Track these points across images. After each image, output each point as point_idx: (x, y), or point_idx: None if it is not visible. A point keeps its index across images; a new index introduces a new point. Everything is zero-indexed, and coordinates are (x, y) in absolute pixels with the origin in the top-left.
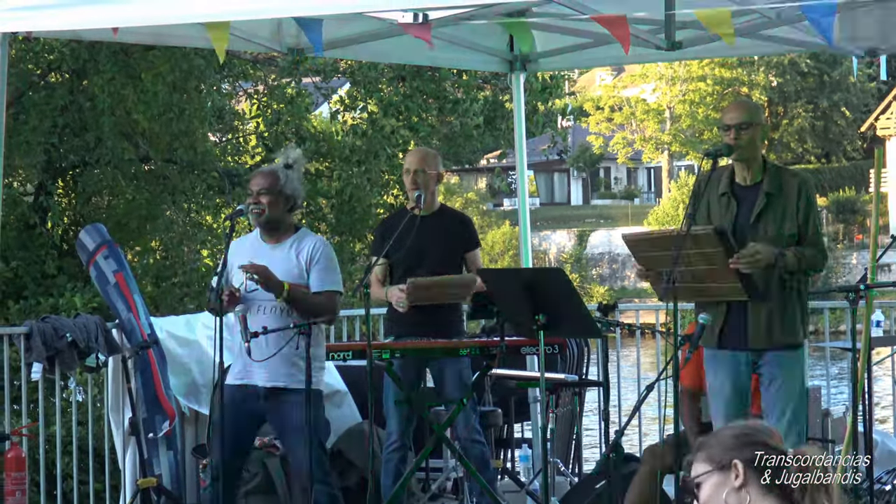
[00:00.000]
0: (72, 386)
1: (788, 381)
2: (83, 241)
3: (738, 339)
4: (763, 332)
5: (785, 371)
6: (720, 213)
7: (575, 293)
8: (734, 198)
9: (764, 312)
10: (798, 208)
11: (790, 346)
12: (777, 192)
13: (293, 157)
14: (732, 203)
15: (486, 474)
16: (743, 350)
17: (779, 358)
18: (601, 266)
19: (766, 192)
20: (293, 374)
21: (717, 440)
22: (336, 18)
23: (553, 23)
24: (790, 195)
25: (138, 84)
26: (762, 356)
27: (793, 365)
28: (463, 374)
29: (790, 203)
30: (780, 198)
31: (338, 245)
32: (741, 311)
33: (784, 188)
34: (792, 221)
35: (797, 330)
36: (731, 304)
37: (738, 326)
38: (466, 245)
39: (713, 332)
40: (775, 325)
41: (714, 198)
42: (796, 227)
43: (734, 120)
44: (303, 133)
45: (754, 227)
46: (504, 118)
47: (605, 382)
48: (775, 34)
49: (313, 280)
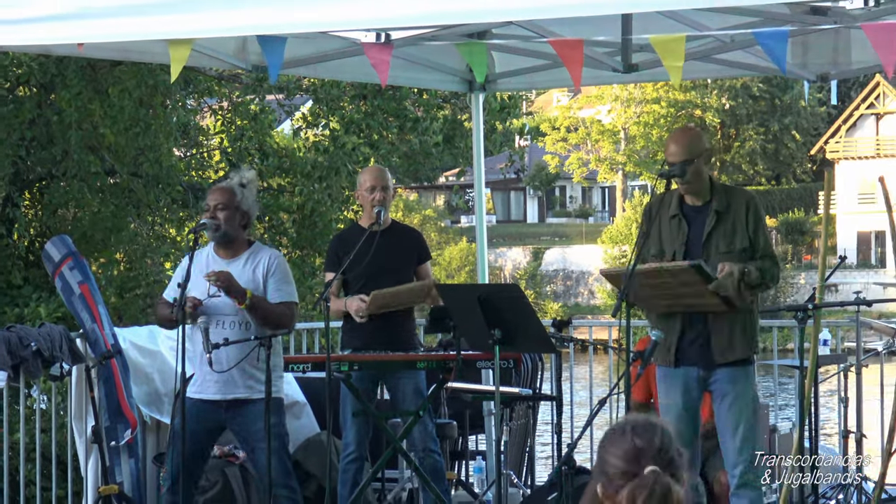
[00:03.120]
0: (35, 394)
1: (741, 396)
2: (49, 253)
3: (693, 356)
4: (723, 347)
5: (737, 386)
6: (672, 234)
7: (530, 309)
8: (685, 218)
9: (723, 325)
10: (748, 223)
11: (742, 362)
12: (725, 210)
13: (248, 178)
14: (683, 224)
15: (441, 485)
16: (695, 366)
17: (731, 374)
18: (556, 283)
19: (715, 211)
20: (252, 386)
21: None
22: (299, 37)
23: (512, 45)
24: (738, 212)
25: (105, 99)
26: (713, 373)
27: (744, 380)
28: (419, 387)
29: (739, 219)
30: (729, 215)
31: (298, 259)
32: (698, 329)
33: (732, 206)
34: (742, 237)
35: (749, 346)
36: (686, 322)
37: (694, 343)
38: (419, 258)
39: (668, 352)
40: (733, 341)
41: (665, 219)
42: (747, 242)
43: (676, 157)
44: (266, 149)
45: (706, 245)
46: (463, 137)
47: (558, 397)
48: (728, 58)
49: (271, 292)
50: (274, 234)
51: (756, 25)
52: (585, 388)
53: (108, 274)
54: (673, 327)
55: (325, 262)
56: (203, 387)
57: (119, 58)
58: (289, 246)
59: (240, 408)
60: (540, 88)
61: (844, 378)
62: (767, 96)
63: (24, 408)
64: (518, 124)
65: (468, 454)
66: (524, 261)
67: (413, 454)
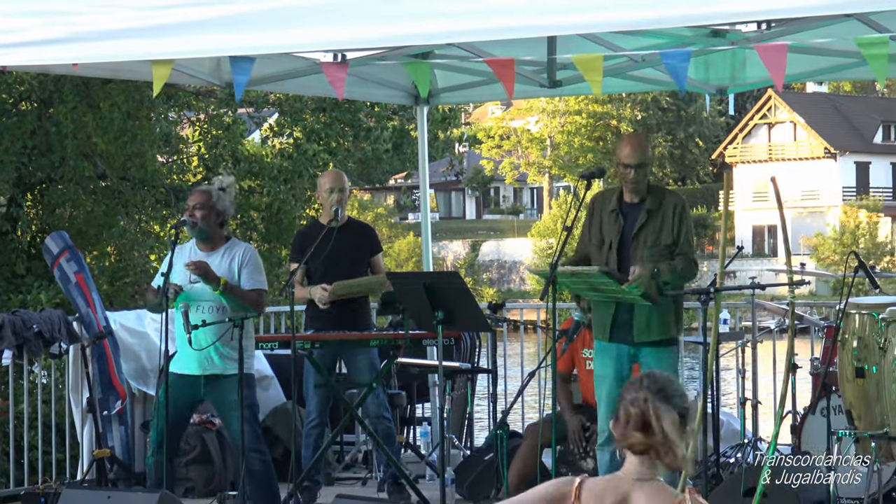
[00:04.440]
0: (37, 370)
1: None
2: (48, 246)
3: (624, 334)
4: (644, 328)
5: (661, 363)
6: (610, 226)
7: (469, 294)
8: (621, 214)
9: (645, 312)
10: (674, 223)
11: (665, 342)
12: (656, 208)
13: (226, 183)
14: (619, 218)
15: (392, 447)
16: (627, 344)
17: (655, 351)
18: (491, 271)
19: (647, 209)
20: (227, 362)
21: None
22: (267, 57)
23: (452, 63)
24: (667, 212)
25: (97, 112)
26: (641, 350)
27: (668, 357)
28: (372, 362)
29: (667, 218)
30: (659, 214)
31: (266, 251)
32: (627, 311)
33: (662, 206)
34: (668, 234)
35: (671, 327)
36: (619, 304)
37: (624, 324)
38: (372, 250)
39: (604, 328)
40: (654, 323)
41: (606, 213)
42: (672, 238)
43: (632, 160)
44: (238, 155)
45: (636, 238)
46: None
47: (493, 370)
48: (640, 74)
49: (244, 280)
50: (245, 230)
51: (664, 46)
52: (517, 362)
53: (101, 265)
54: (608, 307)
55: (290, 253)
56: (184, 363)
57: (109, 76)
58: (258, 240)
59: (216, 381)
60: (476, 101)
61: (742, 353)
62: (674, 108)
63: (27, 382)
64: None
65: (415, 420)
66: (464, 252)
67: (367, 420)
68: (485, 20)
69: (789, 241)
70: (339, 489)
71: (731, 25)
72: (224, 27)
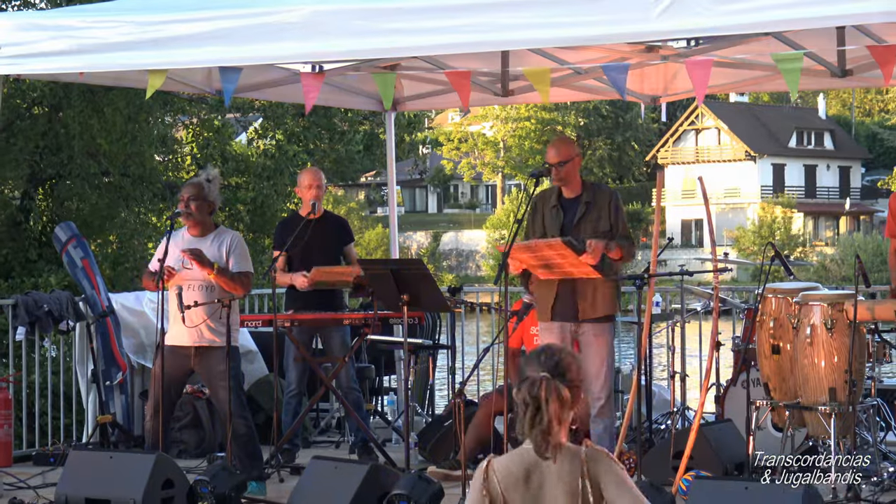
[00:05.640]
0: (47, 344)
1: (602, 346)
2: (58, 235)
3: (566, 312)
4: (589, 307)
5: (599, 338)
6: (551, 220)
7: (431, 278)
8: (561, 208)
9: (587, 289)
10: (609, 213)
11: (604, 319)
12: (593, 202)
13: (212, 175)
14: (560, 212)
15: (362, 414)
16: (568, 321)
17: (594, 328)
18: (450, 259)
19: (584, 203)
20: (216, 337)
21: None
22: (252, 68)
23: (417, 74)
24: (602, 204)
25: (101, 116)
26: (581, 326)
27: (605, 333)
28: (345, 339)
29: (603, 210)
30: (595, 206)
31: (252, 240)
32: (569, 291)
33: (598, 199)
34: (604, 223)
35: (611, 306)
36: (560, 285)
37: (566, 303)
38: (345, 240)
39: (547, 309)
40: (598, 302)
41: (548, 209)
42: (608, 226)
43: (553, 160)
44: (226, 155)
45: (576, 228)
46: (378, 146)
47: (452, 346)
48: (583, 85)
49: (232, 264)
50: (233, 221)
51: (604, 60)
52: (473, 339)
53: (104, 251)
54: (550, 290)
55: (273, 242)
56: (177, 338)
57: (112, 84)
58: (244, 230)
59: (206, 354)
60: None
61: (671, 331)
62: (613, 115)
63: (38, 355)
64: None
65: (383, 390)
66: (426, 242)
67: (340, 391)
68: (446, 37)
69: (714, 234)
70: (315, 451)
71: (663, 42)
72: (214, 41)
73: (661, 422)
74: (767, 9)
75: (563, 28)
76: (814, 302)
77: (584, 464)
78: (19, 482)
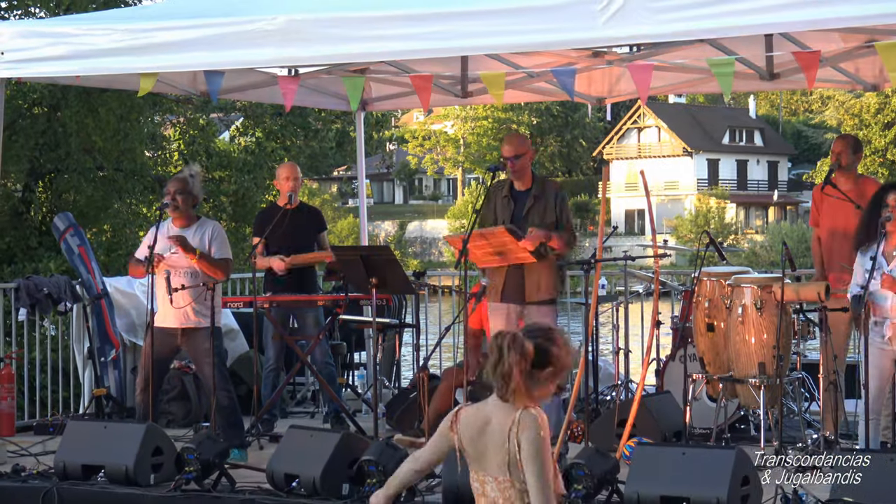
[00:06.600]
0: (47, 324)
1: None
2: (56, 224)
3: (513, 295)
4: (535, 290)
5: (543, 319)
6: (503, 210)
7: (397, 263)
8: (512, 200)
9: (533, 275)
10: (555, 205)
11: (548, 301)
12: (541, 195)
13: (195, 170)
14: (511, 203)
15: (335, 387)
16: (516, 303)
17: (539, 309)
18: (415, 245)
19: (533, 195)
20: (201, 318)
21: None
22: (234, 71)
23: (384, 77)
24: (549, 198)
25: (96, 115)
26: (526, 307)
27: (548, 314)
28: (319, 319)
29: (549, 203)
30: (543, 199)
31: (234, 229)
32: (516, 275)
33: (545, 193)
34: (551, 214)
35: (555, 290)
36: (509, 269)
37: (513, 286)
38: (319, 228)
39: (497, 291)
40: (542, 285)
41: (499, 200)
42: (554, 218)
43: (509, 154)
44: (210, 151)
45: (525, 218)
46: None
47: (417, 325)
48: (535, 87)
49: (214, 251)
50: (216, 211)
51: (554, 65)
52: (436, 319)
53: (99, 240)
54: (500, 275)
55: (253, 230)
56: (165, 319)
57: (106, 86)
58: (227, 220)
59: (192, 334)
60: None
61: (616, 311)
62: (563, 115)
63: (38, 334)
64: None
65: (354, 366)
66: (393, 230)
67: (315, 366)
68: (411, 43)
69: (654, 223)
70: (292, 421)
71: (608, 48)
72: (199, 47)
73: (607, 393)
74: (702, 18)
75: (517, 35)
76: (745, 284)
77: (514, 424)
78: (22, 450)
